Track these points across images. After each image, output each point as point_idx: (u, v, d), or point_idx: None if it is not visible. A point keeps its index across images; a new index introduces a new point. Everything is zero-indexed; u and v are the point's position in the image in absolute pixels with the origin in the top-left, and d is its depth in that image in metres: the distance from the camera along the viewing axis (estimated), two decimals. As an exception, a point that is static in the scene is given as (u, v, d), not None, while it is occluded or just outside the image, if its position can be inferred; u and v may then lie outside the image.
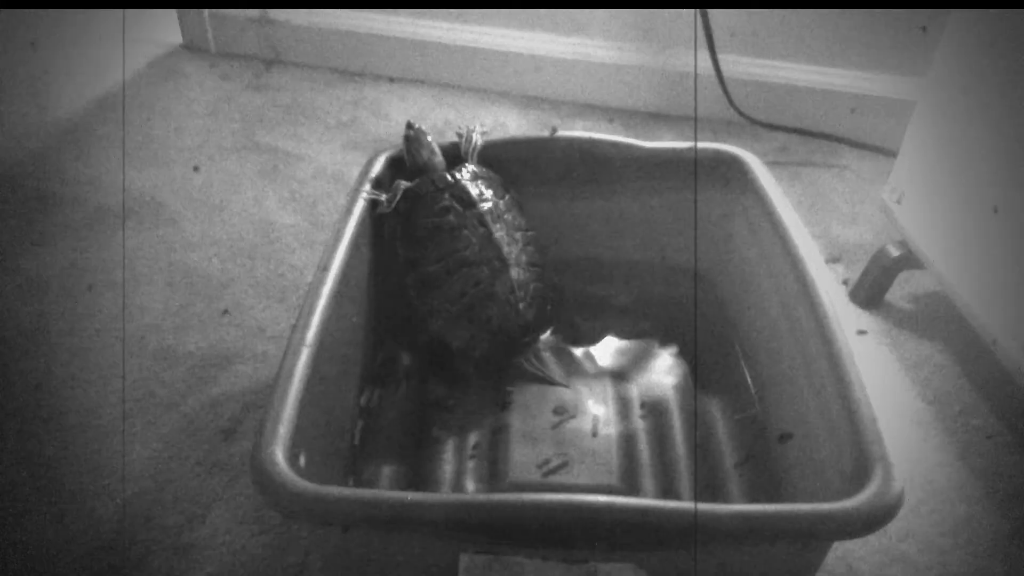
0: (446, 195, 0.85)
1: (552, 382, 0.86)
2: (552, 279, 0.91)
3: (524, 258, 0.86)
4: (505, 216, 0.86)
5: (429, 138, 0.89)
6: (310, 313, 0.70)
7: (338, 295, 0.73)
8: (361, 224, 0.82)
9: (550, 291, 0.90)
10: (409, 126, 0.89)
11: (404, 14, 1.53)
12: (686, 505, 0.56)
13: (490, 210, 0.85)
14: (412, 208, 0.85)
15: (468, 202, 0.84)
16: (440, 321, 0.85)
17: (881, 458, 0.58)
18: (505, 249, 0.84)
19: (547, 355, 0.89)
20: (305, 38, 1.58)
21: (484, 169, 0.89)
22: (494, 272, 0.84)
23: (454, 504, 0.57)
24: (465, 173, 0.86)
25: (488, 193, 0.86)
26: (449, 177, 0.86)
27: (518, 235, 0.87)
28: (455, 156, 0.90)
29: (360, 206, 0.83)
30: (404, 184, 0.85)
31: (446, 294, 0.84)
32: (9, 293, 1.04)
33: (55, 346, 0.96)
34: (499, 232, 0.84)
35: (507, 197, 0.88)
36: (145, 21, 1.74)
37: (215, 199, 1.22)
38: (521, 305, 0.85)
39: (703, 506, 0.56)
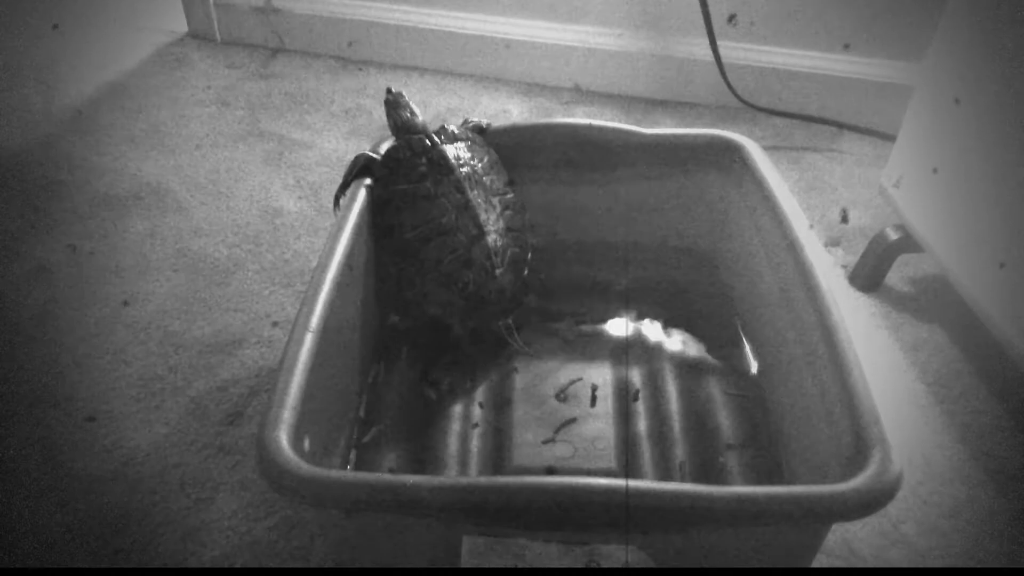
0: (423, 159, 0.85)
1: (517, 345, 0.88)
2: (530, 241, 0.92)
3: (501, 223, 0.87)
4: (484, 179, 0.87)
5: (407, 100, 0.90)
6: (314, 299, 0.71)
7: (341, 280, 0.74)
8: (363, 210, 0.83)
9: (527, 256, 0.91)
10: (389, 91, 0.91)
11: (407, 3, 1.53)
12: (686, 487, 0.57)
13: (468, 175, 0.85)
14: (390, 174, 0.86)
15: (445, 168, 0.85)
16: (417, 288, 0.86)
17: (880, 440, 0.58)
18: (482, 216, 0.85)
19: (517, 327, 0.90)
20: (309, 27, 1.58)
21: (464, 130, 0.89)
22: (471, 239, 0.84)
23: (455, 488, 0.58)
24: (444, 136, 0.87)
25: (466, 156, 0.87)
26: (427, 141, 0.86)
27: (495, 200, 0.87)
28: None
29: (362, 193, 0.84)
30: (368, 153, 0.87)
31: (423, 261, 0.84)
32: (17, 279, 1.05)
33: (63, 331, 0.97)
34: (476, 198, 0.85)
35: (486, 160, 0.88)
36: (151, 9, 1.75)
37: (221, 186, 1.23)
38: (498, 272, 0.85)
39: (701, 488, 0.57)
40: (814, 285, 0.72)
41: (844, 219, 1.13)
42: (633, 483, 0.58)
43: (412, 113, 0.90)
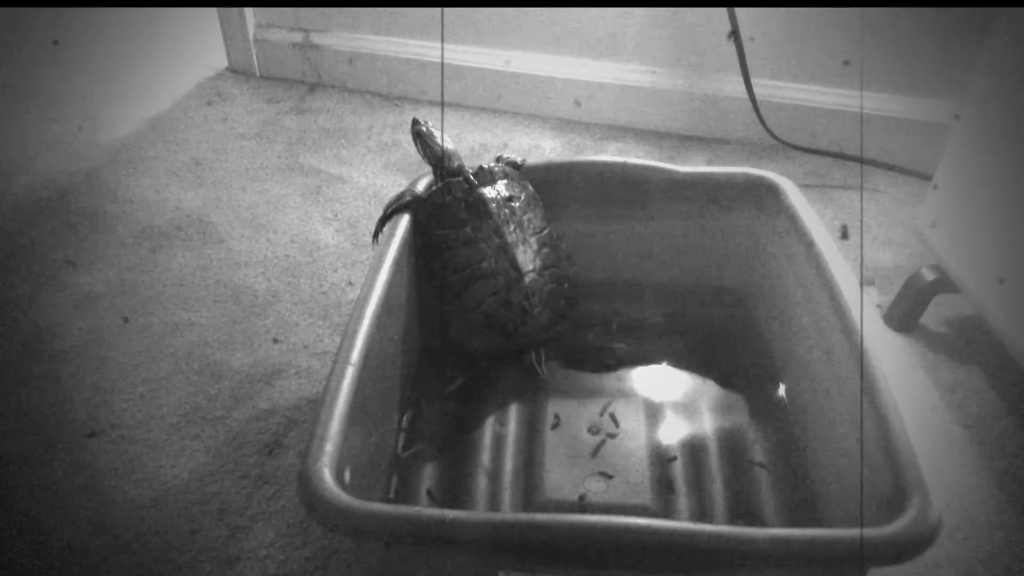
0: (463, 204, 0.87)
1: (543, 374, 0.90)
2: (568, 272, 0.94)
3: (539, 262, 0.89)
4: (522, 219, 0.89)
5: (431, 127, 0.92)
6: (355, 332, 0.72)
7: (381, 314, 0.75)
8: (403, 244, 0.84)
9: (564, 288, 0.92)
10: (415, 122, 0.92)
11: (440, 40, 1.56)
12: (724, 529, 0.57)
13: (506, 217, 0.88)
14: (431, 218, 0.88)
15: (484, 211, 0.87)
16: (459, 327, 0.89)
17: (919, 484, 0.58)
18: (520, 258, 0.87)
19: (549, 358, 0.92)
20: (347, 63, 1.62)
21: (501, 168, 0.91)
22: (509, 281, 0.87)
23: (493, 524, 0.59)
24: (481, 177, 0.89)
25: (504, 196, 0.89)
26: (466, 184, 0.88)
27: (533, 239, 0.89)
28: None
29: (403, 227, 0.86)
30: (419, 189, 0.89)
31: (464, 303, 0.87)
32: (61, 308, 1.07)
33: (106, 360, 1.00)
34: (515, 240, 0.88)
35: (523, 197, 0.90)
36: (192, 44, 1.79)
37: (261, 219, 1.25)
38: (536, 310, 0.88)
39: (741, 530, 0.57)
40: (851, 326, 0.72)
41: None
42: (669, 524, 0.59)
43: (442, 140, 0.91)
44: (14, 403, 0.94)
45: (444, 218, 0.88)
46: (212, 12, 1.67)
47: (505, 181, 0.90)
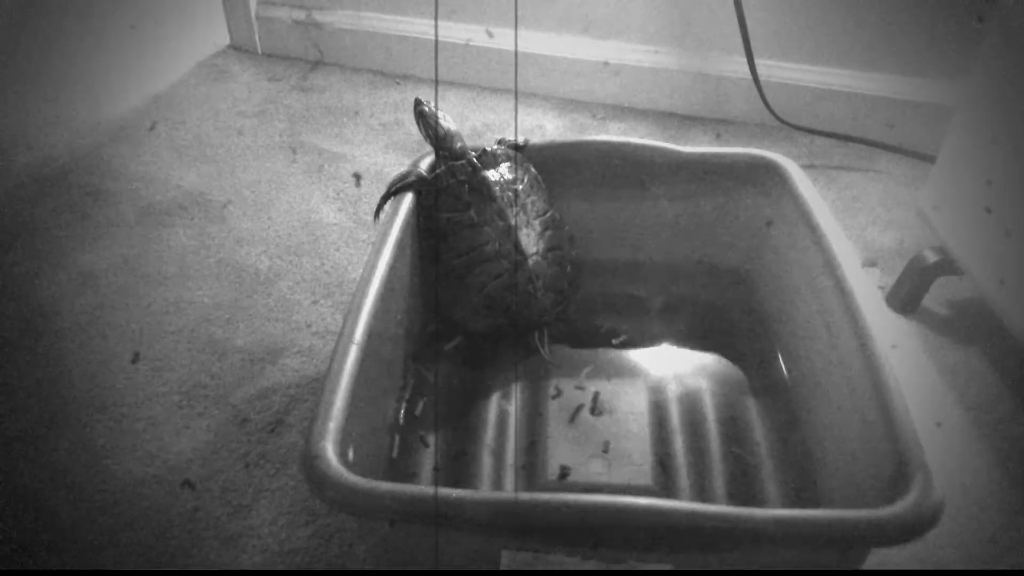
0: (466, 187, 0.87)
1: (546, 355, 0.90)
2: (571, 255, 0.94)
3: (543, 244, 0.89)
4: (525, 201, 0.89)
5: (433, 107, 0.92)
6: (358, 312, 0.72)
7: (384, 293, 0.75)
8: (406, 224, 0.84)
9: (567, 271, 0.92)
10: (418, 103, 0.92)
11: (444, 19, 1.55)
12: (726, 509, 0.57)
13: (510, 200, 0.88)
14: (435, 202, 0.88)
15: (488, 194, 0.87)
16: (463, 310, 0.89)
17: (921, 466, 0.58)
18: (524, 240, 0.87)
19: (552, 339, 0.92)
20: (349, 41, 1.61)
21: (504, 151, 0.91)
22: (513, 264, 0.87)
23: (497, 503, 0.59)
24: (484, 160, 0.89)
25: (508, 179, 0.89)
26: (469, 167, 0.88)
27: (536, 222, 0.89)
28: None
29: (406, 207, 0.85)
30: (422, 169, 0.89)
31: (469, 286, 0.87)
32: (65, 286, 1.07)
33: (109, 338, 1.00)
34: (518, 223, 0.88)
35: (526, 180, 0.90)
36: (193, 21, 1.78)
37: (262, 197, 1.25)
38: (539, 293, 0.89)
39: (742, 511, 0.57)
40: (854, 307, 0.72)
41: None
42: (672, 504, 0.59)
43: (445, 120, 0.91)
44: (16, 381, 0.94)
45: (447, 201, 0.87)
46: (214, -11, 1.66)
47: (508, 164, 0.90)
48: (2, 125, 1.43)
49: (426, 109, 0.91)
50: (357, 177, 1.24)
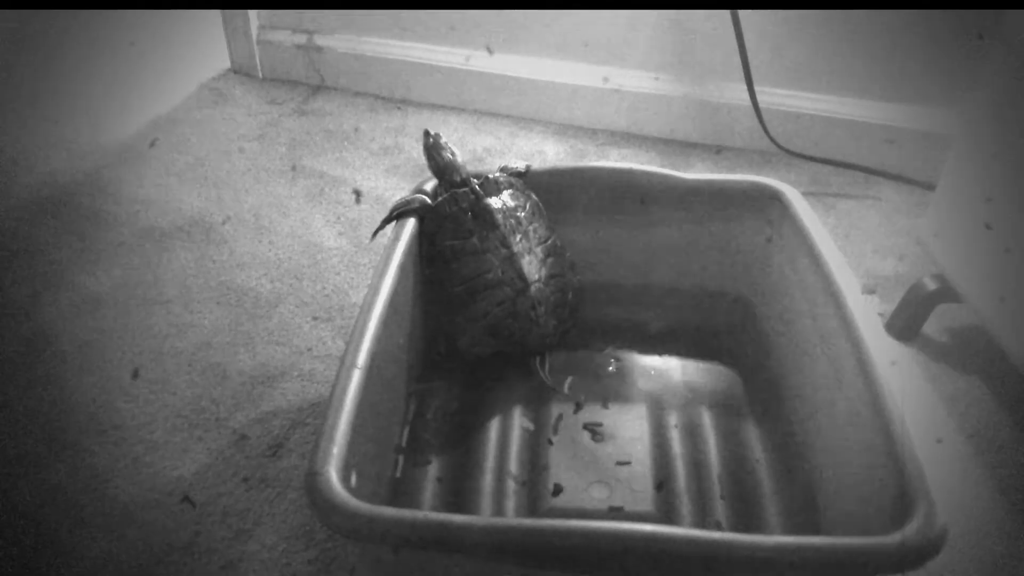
0: (469, 215, 0.88)
1: (547, 382, 0.90)
2: (573, 281, 0.94)
3: (545, 272, 0.89)
4: (528, 228, 0.89)
5: (445, 141, 0.93)
6: (361, 335, 0.72)
7: (387, 318, 0.76)
8: (408, 248, 0.84)
9: (568, 297, 0.93)
10: (427, 134, 0.94)
11: (444, 44, 1.56)
12: (727, 536, 0.58)
13: (512, 227, 0.88)
14: (438, 229, 0.88)
15: (491, 222, 0.88)
16: (466, 335, 0.89)
17: (924, 493, 0.59)
18: (526, 268, 0.88)
19: (553, 364, 0.92)
20: (350, 65, 1.62)
21: (506, 178, 0.92)
22: (516, 291, 0.87)
23: (499, 529, 0.59)
24: (487, 187, 0.90)
25: (510, 207, 0.89)
26: (472, 195, 0.88)
27: (539, 249, 0.90)
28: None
29: (408, 231, 0.86)
30: (422, 196, 0.90)
31: (471, 313, 0.88)
32: (65, 308, 1.07)
33: (109, 360, 1.00)
34: (520, 250, 0.88)
35: (528, 207, 0.91)
36: (195, 45, 1.79)
37: (263, 220, 1.25)
38: (542, 320, 0.89)
39: (744, 537, 0.57)
40: (856, 336, 0.72)
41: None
42: (673, 530, 0.59)
43: (452, 154, 0.93)
44: (16, 403, 0.94)
45: (450, 228, 0.88)
46: (215, 13, 1.67)
47: (510, 191, 0.90)
48: (3, 146, 1.43)
49: (430, 142, 0.93)
50: (357, 194, 1.25)
